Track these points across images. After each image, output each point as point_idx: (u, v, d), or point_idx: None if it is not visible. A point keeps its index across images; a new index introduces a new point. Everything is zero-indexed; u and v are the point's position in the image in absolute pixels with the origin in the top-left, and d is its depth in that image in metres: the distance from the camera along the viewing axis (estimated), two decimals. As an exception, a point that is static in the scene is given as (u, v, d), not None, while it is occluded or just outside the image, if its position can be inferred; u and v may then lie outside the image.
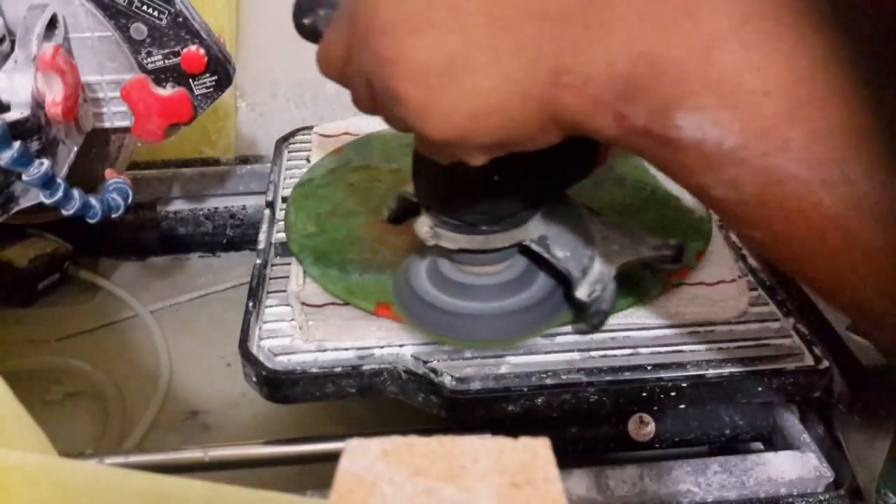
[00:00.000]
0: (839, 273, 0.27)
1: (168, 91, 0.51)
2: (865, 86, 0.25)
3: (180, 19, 0.49)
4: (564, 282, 0.45)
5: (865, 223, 0.25)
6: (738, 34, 0.26)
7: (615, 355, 0.46)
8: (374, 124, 0.70)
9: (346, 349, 0.47)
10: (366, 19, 0.32)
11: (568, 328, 0.47)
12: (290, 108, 0.84)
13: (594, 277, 0.44)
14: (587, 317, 0.45)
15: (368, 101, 0.35)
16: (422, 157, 0.43)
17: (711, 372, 0.45)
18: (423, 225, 0.44)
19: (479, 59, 0.29)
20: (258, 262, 0.54)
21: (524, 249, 0.45)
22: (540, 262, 0.46)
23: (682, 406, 0.46)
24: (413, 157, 0.44)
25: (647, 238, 0.46)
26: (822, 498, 0.46)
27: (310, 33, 0.41)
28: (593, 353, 0.46)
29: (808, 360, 0.45)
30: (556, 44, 0.28)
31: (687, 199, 0.57)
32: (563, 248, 0.44)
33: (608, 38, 0.27)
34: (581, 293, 0.44)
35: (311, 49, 0.39)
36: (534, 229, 0.44)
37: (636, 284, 0.49)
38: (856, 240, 0.26)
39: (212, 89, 0.52)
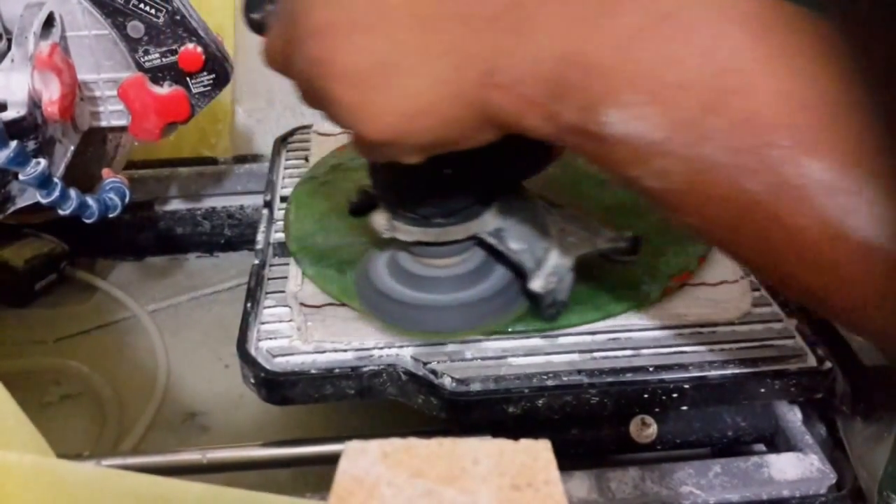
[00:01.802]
0: (766, 251, 0.28)
1: (165, 89, 0.51)
2: (786, 74, 0.26)
3: (178, 17, 0.49)
4: (520, 274, 0.46)
5: (786, 204, 0.26)
6: (656, 29, 0.27)
7: (617, 356, 0.46)
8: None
9: (345, 350, 0.46)
10: (301, 21, 0.32)
11: (569, 329, 0.47)
12: (286, 115, 0.83)
13: (549, 269, 0.44)
14: (542, 308, 0.46)
15: (309, 98, 0.35)
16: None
17: (714, 373, 0.44)
18: (380, 218, 0.45)
19: (408, 61, 0.30)
20: (256, 262, 0.54)
21: (480, 242, 0.46)
22: (496, 254, 0.46)
23: (685, 407, 0.45)
24: None
25: (602, 230, 0.47)
26: (824, 499, 0.45)
27: (258, 28, 0.42)
28: (595, 355, 0.46)
29: (811, 361, 0.45)
30: (485, 45, 0.29)
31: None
32: (517, 241, 0.45)
33: (535, 38, 0.28)
34: (535, 285, 0.44)
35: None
36: (489, 222, 0.45)
37: (637, 287, 0.49)
38: (778, 220, 0.27)
39: (209, 88, 0.52)
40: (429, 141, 0.32)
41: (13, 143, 0.44)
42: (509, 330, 0.47)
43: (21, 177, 0.45)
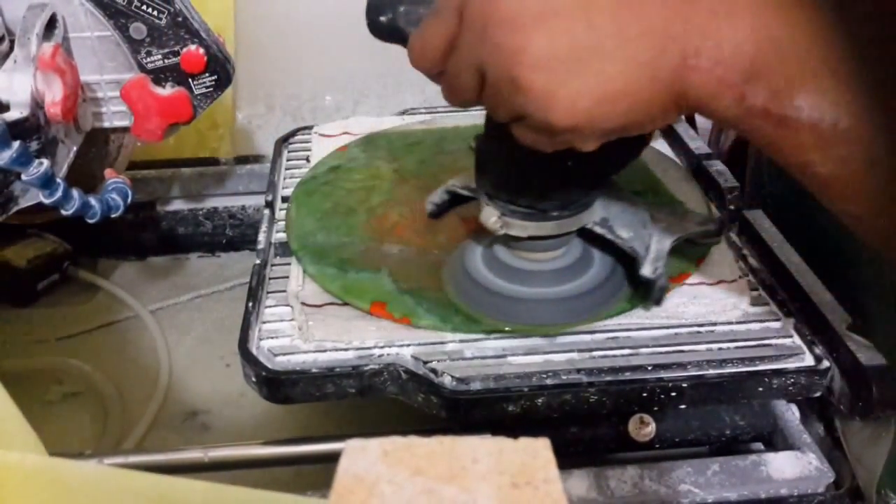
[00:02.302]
0: None
1: (167, 91, 0.51)
2: None
3: (180, 19, 0.49)
4: (626, 262, 0.47)
5: None
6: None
7: (615, 355, 0.46)
8: (374, 124, 0.70)
9: (346, 349, 0.47)
10: (483, 11, 0.32)
11: (569, 329, 0.47)
12: (286, 120, 0.84)
13: (655, 254, 0.46)
14: (653, 292, 0.47)
15: (474, 92, 0.35)
16: (488, 150, 0.44)
17: (712, 372, 0.44)
18: (491, 215, 0.45)
19: (605, 45, 0.30)
20: (258, 262, 0.54)
21: (586, 233, 0.47)
22: (604, 244, 0.47)
23: (683, 406, 0.46)
24: (477, 150, 0.45)
25: (690, 214, 0.49)
26: (822, 498, 0.46)
27: (386, 31, 0.41)
28: (593, 354, 0.46)
29: (809, 361, 0.45)
30: (683, 27, 0.30)
31: (689, 203, 0.57)
32: (626, 229, 0.46)
33: (735, 22, 0.29)
34: (647, 270, 0.46)
35: (308, 62, 0.39)
36: (596, 213, 0.46)
37: (635, 286, 0.49)
38: None
39: (211, 89, 0.52)
40: (619, 125, 0.33)
41: (16, 144, 0.44)
42: (508, 329, 0.47)
43: (24, 177, 0.45)
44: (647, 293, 0.47)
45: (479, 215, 0.46)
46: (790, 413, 0.50)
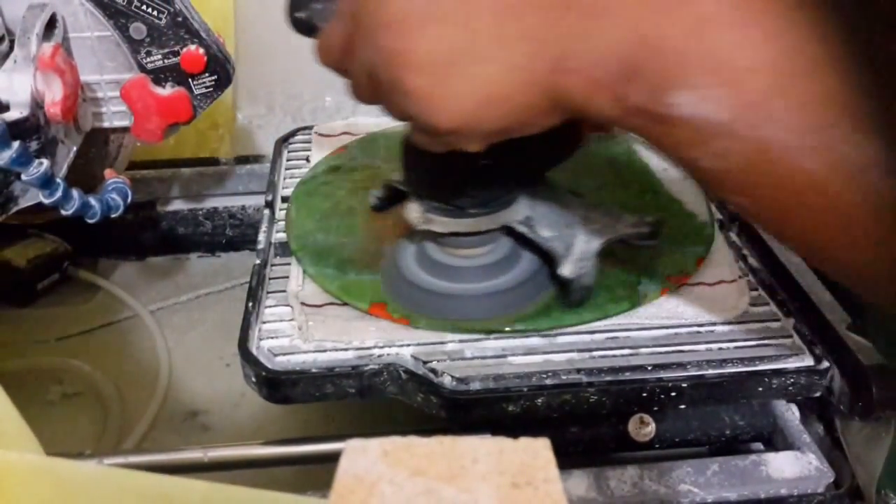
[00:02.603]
0: (815, 230, 0.29)
1: (167, 91, 0.51)
2: (847, 57, 0.26)
3: (179, 19, 0.49)
4: (549, 261, 0.47)
5: (844, 184, 0.27)
6: (727, 15, 0.28)
7: (615, 355, 0.46)
8: (374, 124, 0.70)
9: (346, 349, 0.47)
10: (372, 13, 0.33)
11: (568, 329, 0.47)
12: (287, 121, 0.84)
13: (578, 255, 0.46)
14: (571, 293, 0.47)
15: (369, 91, 0.36)
16: (411, 146, 0.44)
17: (712, 372, 0.44)
18: (413, 211, 0.46)
19: (485, 49, 0.31)
20: (258, 262, 0.54)
21: (510, 231, 0.47)
22: (526, 242, 0.47)
23: (683, 406, 0.46)
24: (402, 147, 0.45)
25: (625, 216, 0.48)
26: (822, 498, 0.46)
27: (303, 26, 0.42)
28: (593, 354, 0.46)
29: (809, 360, 0.45)
30: (559, 31, 0.30)
31: (688, 203, 0.57)
32: (547, 229, 0.46)
33: (608, 23, 0.29)
34: (565, 270, 0.46)
35: (308, 63, 0.39)
36: (519, 211, 0.46)
37: (634, 287, 0.49)
38: (835, 200, 0.27)
39: (211, 89, 0.52)
40: (499, 127, 0.33)
41: (16, 144, 0.44)
42: (508, 329, 0.47)
43: (24, 177, 0.45)
44: (566, 293, 0.47)
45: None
46: (790, 413, 0.50)
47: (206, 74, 0.51)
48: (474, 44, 0.31)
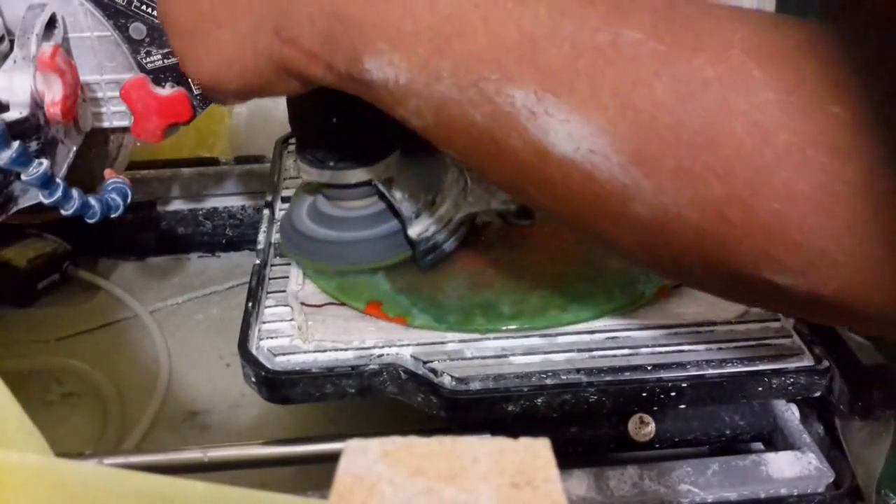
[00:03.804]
0: (504, 176, 0.32)
1: (167, 91, 0.51)
2: (499, 18, 0.29)
3: (179, 19, 0.49)
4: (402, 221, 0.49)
5: (502, 130, 0.30)
6: None
7: (615, 355, 0.46)
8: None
9: (346, 349, 0.47)
10: None
11: (568, 328, 0.47)
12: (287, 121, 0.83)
13: (431, 220, 0.49)
14: (417, 253, 0.49)
15: None
16: (290, 99, 0.48)
17: (712, 372, 0.45)
18: (289, 159, 0.51)
19: (220, 17, 0.36)
20: (257, 262, 0.54)
21: (375, 188, 0.50)
22: (386, 202, 0.50)
23: (683, 406, 0.46)
24: (286, 99, 0.49)
25: (500, 194, 0.51)
26: (822, 498, 0.46)
27: None
28: (593, 353, 0.46)
29: (809, 360, 0.45)
30: (274, 4, 0.34)
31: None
32: (402, 191, 0.49)
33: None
34: (412, 231, 0.49)
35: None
36: (383, 171, 0.49)
37: (632, 286, 0.49)
38: (500, 145, 0.30)
39: (211, 89, 0.52)
40: (239, 87, 0.38)
41: (16, 144, 0.44)
42: (501, 328, 0.47)
43: (23, 177, 0.45)
44: (414, 254, 0.50)
45: None
46: (790, 413, 0.50)
47: (206, 74, 0.51)
48: (212, 12, 0.36)
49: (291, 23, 0.34)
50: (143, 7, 0.48)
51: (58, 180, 0.47)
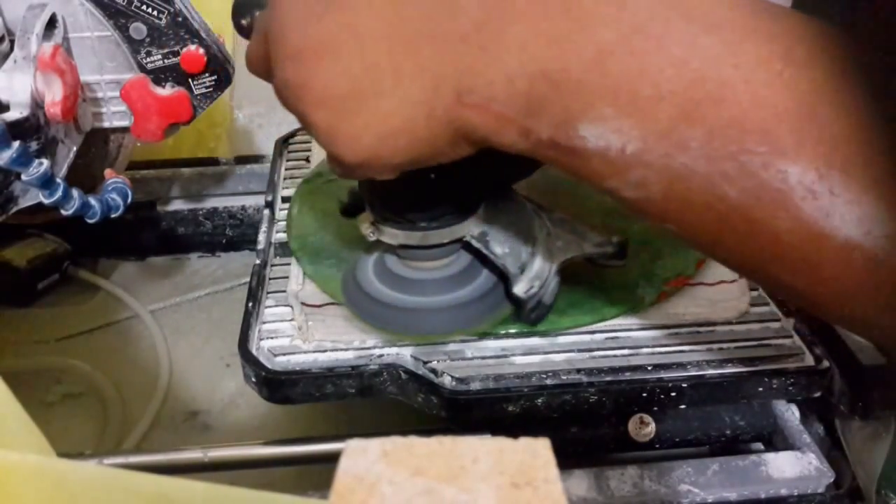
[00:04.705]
0: (748, 255, 0.29)
1: (167, 91, 0.51)
2: (762, 81, 0.26)
3: (180, 19, 0.49)
4: (504, 278, 0.45)
5: (765, 209, 0.26)
6: (628, 43, 0.27)
7: (615, 355, 0.46)
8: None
9: (346, 349, 0.47)
10: (276, 41, 0.33)
11: (568, 329, 0.47)
12: (287, 121, 0.83)
13: (533, 274, 0.44)
14: (524, 313, 0.45)
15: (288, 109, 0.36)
16: None
17: (712, 372, 0.44)
18: (365, 220, 0.45)
19: (382, 83, 0.31)
20: (258, 262, 0.54)
21: (467, 245, 0.45)
22: (481, 258, 0.46)
23: (683, 406, 0.46)
24: None
25: (590, 234, 0.47)
26: (822, 498, 0.46)
27: (246, 32, 0.43)
28: (593, 354, 0.46)
29: (809, 361, 0.45)
30: (456, 65, 0.29)
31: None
32: (502, 245, 0.44)
33: (505, 57, 0.28)
34: (518, 289, 0.44)
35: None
36: (474, 226, 0.44)
37: (632, 290, 0.49)
38: (758, 225, 0.27)
39: (211, 89, 0.52)
40: (404, 160, 0.33)
41: (16, 144, 0.44)
42: (500, 332, 0.47)
43: (24, 177, 0.45)
44: (520, 312, 0.46)
45: None
46: (790, 413, 0.50)
47: (206, 74, 0.51)
48: (371, 79, 0.31)
49: (480, 85, 0.29)
50: (144, 7, 0.48)
51: (58, 180, 0.47)
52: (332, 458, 0.30)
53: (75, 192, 0.49)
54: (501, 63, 0.28)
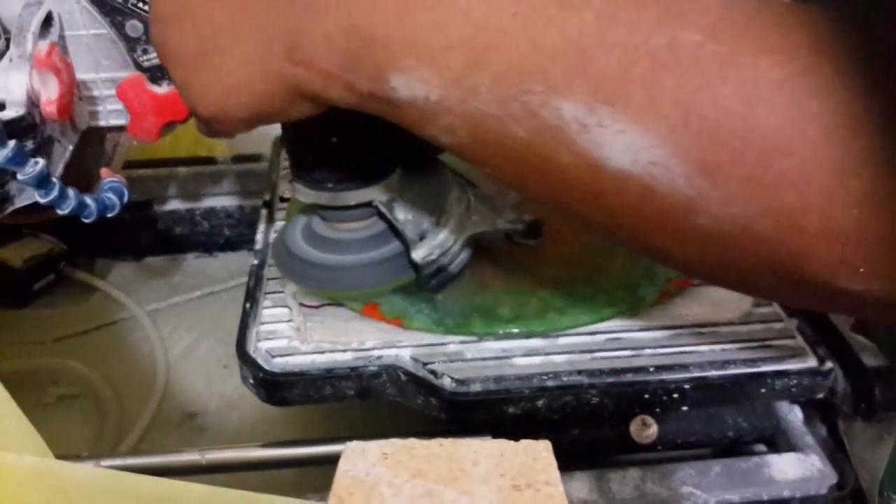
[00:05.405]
0: (551, 192, 0.31)
1: (164, 89, 0.51)
2: (539, 27, 0.27)
3: (177, 17, 0.49)
4: (407, 244, 0.47)
5: (549, 145, 0.28)
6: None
7: (617, 357, 0.45)
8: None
9: (345, 351, 0.46)
10: (151, 9, 0.37)
11: (569, 330, 0.47)
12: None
13: (436, 242, 0.47)
14: (423, 278, 0.47)
15: None
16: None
17: (714, 373, 0.44)
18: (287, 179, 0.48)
19: (224, 42, 0.34)
20: (255, 262, 0.54)
21: (377, 209, 0.47)
22: (389, 223, 0.48)
23: (685, 408, 0.45)
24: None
25: (506, 213, 0.50)
26: (825, 499, 0.45)
27: None
28: (595, 355, 0.46)
29: (812, 362, 0.45)
30: (285, 24, 0.32)
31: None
32: (405, 212, 0.47)
33: (323, 15, 0.31)
34: (416, 255, 0.46)
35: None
36: (383, 191, 0.46)
37: (633, 290, 0.49)
38: (547, 161, 0.29)
39: (209, 88, 0.52)
40: (248, 115, 0.36)
41: (11, 143, 0.44)
42: (501, 333, 0.47)
43: (19, 176, 0.45)
44: (418, 278, 0.48)
45: None
46: (793, 414, 0.50)
47: (204, 73, 0.51)
48: (215, 38, 0.34)
49: (304, 43, 0.31)
50: (140, 5, 0.48)
51: (54, 180, 0.47)
52: (332, 460, 0.30)
53: (71, 192, 0.49)
54: (320, 21, 0.31)
